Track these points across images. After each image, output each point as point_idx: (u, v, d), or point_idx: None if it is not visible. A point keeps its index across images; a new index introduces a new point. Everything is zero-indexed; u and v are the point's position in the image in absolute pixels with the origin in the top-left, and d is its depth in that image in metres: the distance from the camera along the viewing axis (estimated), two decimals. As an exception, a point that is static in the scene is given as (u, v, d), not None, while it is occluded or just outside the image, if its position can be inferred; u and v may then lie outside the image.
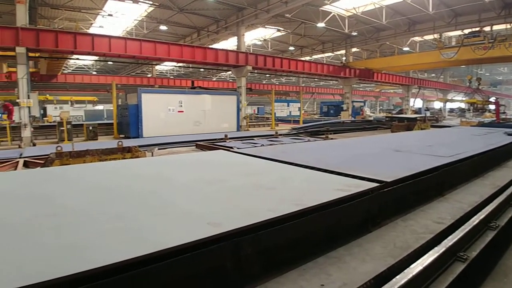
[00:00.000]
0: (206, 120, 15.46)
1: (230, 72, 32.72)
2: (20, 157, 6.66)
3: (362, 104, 33.73)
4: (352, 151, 4.29)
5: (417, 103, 39.45)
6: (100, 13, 20.75)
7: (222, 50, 19.08)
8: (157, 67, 33.95)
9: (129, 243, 1.30)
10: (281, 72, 22.81)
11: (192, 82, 23.30)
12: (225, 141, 9.26)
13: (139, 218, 1.59)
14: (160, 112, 14.11)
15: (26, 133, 12.22)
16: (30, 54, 13.39)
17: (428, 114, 25.90)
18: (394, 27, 22.55)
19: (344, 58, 27.32)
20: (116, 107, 14.91)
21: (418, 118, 16.33)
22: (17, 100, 12.29)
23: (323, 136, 10.91)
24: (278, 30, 24.41)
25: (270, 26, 23.36)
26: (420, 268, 1.57)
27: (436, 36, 22.02)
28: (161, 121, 13.99)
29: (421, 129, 12.87)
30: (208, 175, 2.63)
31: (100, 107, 35.01)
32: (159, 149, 7.80)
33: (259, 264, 1.47)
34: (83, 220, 1.57)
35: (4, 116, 13.87)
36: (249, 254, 1.43)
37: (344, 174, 2.55)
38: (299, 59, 25.59)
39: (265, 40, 27.29)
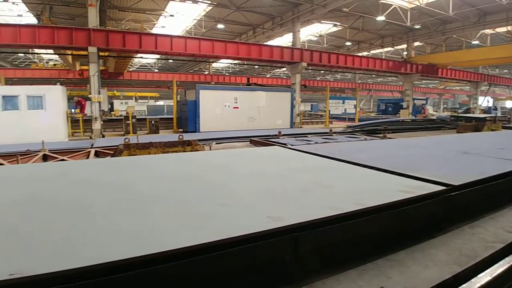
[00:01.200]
0: (260, 116, 15.64)
1: (284, 69, 32.65)
2: (91, 147, 7.31)
3: (424, 102, 31.69)
4: (413, 151, 4.09)
5: (487, 101, 36.08)
6: (162, 14, 21.88)
7: (277, 46, 19.12)
8: (214, 64, 34.94)
9: (195, 230, 1.38)
10: (336, 68, 22.27)
11: (248, 79, 23.64)
12: (279, 138, 9.30)
13: (205, 207, 1.68)
14: (216, 108, 14.55)
15: (96, 125, 13.34)
16: (100, 53, 14.51)
17: (498, 113, 23.61)
18: (462, 19, 20.82)
19: (405, 53, 25.86)
20: (176, 102, 15.66)
21: (487, 118, 14.98)
22: (89, 96, 13.47)
23: (381, 135, 10.48)
24: (335, 25, 23.81)
25: (326, 21, 22.88)
26: (488, 278, 1.47)
27: (510, 28, 19.95)
28: (217, 117, 14.44)
29: (491, 130, 11.81)
30: (267, 170, 2.69)
31: (160, 102, 36.99)
32: (216, 143, 8.09)
33: (317, 260, 1.49)
34: (156, 206, 1.71)
35: (77, 110, 15.30)
36: (308, 250, 1.45)
37: (405, 175, 2.45)
38: (356, 54, 24.77)
39: (320, 35, 26.76)
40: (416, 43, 26.75)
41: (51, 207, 1.71)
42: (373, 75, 37.61)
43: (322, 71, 38.16)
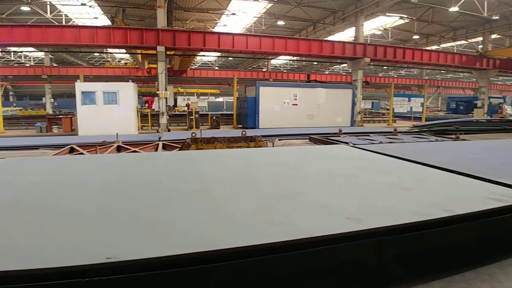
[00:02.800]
0: (319, 114, 15.37)
1: (344, 65, 31.67)
2: (159, 140, 7.76)
3: (501, 100, 28.70)
4: (497, 154, 3.71)
5: None
6: (224, 13, 22.43)
7: (339, 42, 18.59)
8: (272, 61, 35.03)
9: (270, 227, 1.37)
10: (402, 63, 21.05)
11: (308, 76, 23.36)
12: (340, 136, 9.05)
13: (277, 204, 1.68)
14: (276, 105, 14.59)
15: (163, 120, 14.13)
16: (167, 52, 15.29)
17: None
18: (549, 7, 18.44)
19: (480, 46, 23.60)
20: (236, 99, 16.00)
21: None
22: (157, 92, 14.30)
23: (453, 136, 9.70)
24: (401, 18, 22.50)
25: (392, 14, 21.71)
26: None
27: None
28: (276, 113, 14.48)
29: None
30: (335, 169, 2.62)
31: (220, 99, 38.10)
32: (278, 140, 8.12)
33: (401, 267, 1.40)
34: (233, 200, 1.74)
35: (145, 105, 16.44)
36: (392, 256, 1.37)
37: (493, 181, 2.22)
38: (424, 48, 23.17)
39: (385, 29, 25.46)
40: (494, 36, 24.28)
41: (133, 193, 1.83)
42: (443, 71, 34.96)
43: (385, 67, 36.38)
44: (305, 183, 2.13)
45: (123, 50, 22.84)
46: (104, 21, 23.70)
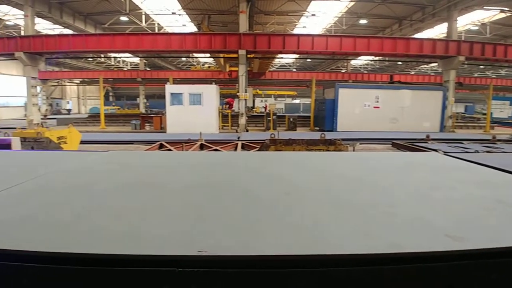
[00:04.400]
0: (403, 118, 14.38)
1: (432, 65, 29.19)
2: (238, 140, 8.04)
3: None
4: None
5: None
6: (303, 14, 22.33)
7: (428, 39, 17.17)
8: (352, 62, 33.82)
9: (357, 237, 1.31)
10: (502, 62, 18.61)
11: (391, 77, 22.06)
12: (427, 142, 8.34)
13: (363, 214, 1.59)
14: (355, 107, 14.06)
15: (242, 120, 14.61)
16: (248, 55, 15.77)
17: None
18: None
19: None
20: (314, 101, 15.83)
21: None
22: (237, 94, 14.85)
23: None
24: (502, 11, 19.87)
25: (490, 7, 19.31)
26: None
27: None
28: (356, 116, 13.95)
29: None
30: (427, 179, 2.41)
31: (297, 101, 38.05)
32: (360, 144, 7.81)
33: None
34: (311, 202, 1.71)
35: (225, 106, 17.22)
36: (496, 281, 1.21)
37: None
38: (533, 45, 20.12)
39: (482, 24, 22.77)
40: None
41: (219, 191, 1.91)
42: (557, 70, 30.07)
43: (481, 66, 32.57)
44: (394, 193, 2.00)
45: (208, 54, 24.19)
46: (192, 28, 25.42)
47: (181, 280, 1.11)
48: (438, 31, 23.18)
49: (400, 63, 30.47)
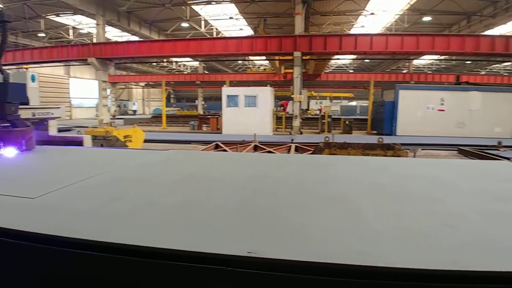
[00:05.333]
0: (472, 122, 13.23)
1: (506, 64, 26.55)
2: (292, 142, 8.00)
3: None
4: None
5: None
6: (362, 14, 21.59)
7: (501, 36, 15.68)
8: (414, 61, 31.95)
9: (416, 249, 1.23)
10: None
11: (457, 77, 20.45)
12: (499, 150, 7.60)
13: (424, 225, 1.49)
14: (417, 110, 13.26)
15: (296, 123, 14.52)
16: (303, 57, 15.64)
17: None
18: None
19: None
20: (371, 103, 15.23)
21: None
22: (291, 96, 14.79)
23: None
24: None
25: None
26: None
27: None
28: (417, 119, 13.15)
29: None
30: (499, 190, 2.19)
31: (353, 103, 36.91)
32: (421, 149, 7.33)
33: None
34: (367, 209, 1.65)
35: (280, 108, 17.28)
36: None
37: None
38: None
39: None
40: None
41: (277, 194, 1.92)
42: None
43: None
44: (459, 205, 1.84)
45: (263, 57, 24.43)
46: (248, 31, 25.91)
47: (229, 279, 1.13)
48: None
49: (468, 62, 28.11)
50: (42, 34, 26.03)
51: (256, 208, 1.70)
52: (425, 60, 33.06)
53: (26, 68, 21.56)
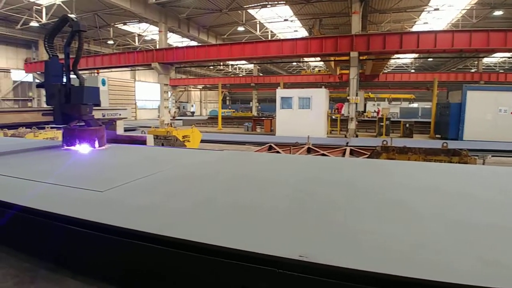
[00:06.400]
0: (554, 126, 11.83)
1: None
2: (347, 146, 7.78)
3: None
4: None
5: None
6: (425, 10, 20.36)
7: None
8: (484, 59, 29.35)
9: (481, 266, 1.13)
10: None
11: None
12: None
13: (493, 242, 1.35)
14: (487, 113, 12.18)
15: (352, 125, 14.11)
16: (360, 57, 15.14)
17: None
18: None
19: None
20: (435, 105, 14.29)
21: None
22: (347, 97, 14.40)
23: None
24: None
25: None
26: None
27: None
28: (487, 123, 12.06)
29: None
30: None
31: (414, 105, 34.88)
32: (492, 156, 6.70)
33: None
34: (429, 219, 1.55)
35: (334, 111, 16.94)
36: None
37: None
38: None
39: None
40: None
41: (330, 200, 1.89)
42: None
43: None
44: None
45: (318, 58, 24.12)
46: (303, 33, 25.74)
47: (279, 281, 1.14)
48: None
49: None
50: (111, 42, 28.33)
51: (308, 211, 1.69)
52: (496, 58, 30.18)
53: (97, 73, 23.68)
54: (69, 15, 3.96)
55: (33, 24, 20.61)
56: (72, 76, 3.91)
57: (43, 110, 3.92)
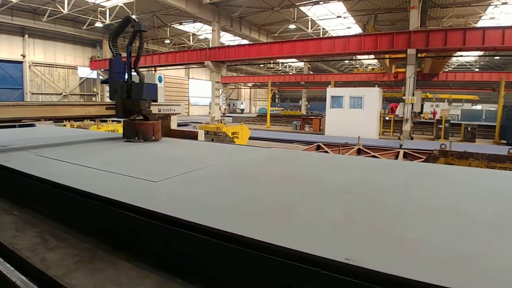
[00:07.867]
0: None
1: None
2: (400, 148, 7.44)
3: None
4: None
5: None
6: (491, 3, 18.75)
7: None
8: None
9: None
10: None
11: None
12: None
13: None
14: None
15: (406, 127, 13.45)
16: (418, 55, 14.36)
17: None
18: None
19: None
20: (502, 107, 13.15)
21: None
22: (402, 97, 13.73)
23: None
24: None
25: None
26: None
27: None
28: None
29: None
30: None
31: (478, 107, 32.34)
32: None
33: None
34: (486, 231, 1.45)
35: (388, 111, 16.25)
36: None
37: None
38: None
39: None
40: None
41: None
42: None
43: None
44: None
45: (372, 56, 23.27)
46: (356, 29, 24.95)
47: (324, 283, 1.13)
48: None
49: None
50: (168, 41, 29.68)
51: (356, 214, 1.65)
52: None
53: (155, 70, 24.98)
54: (130, 16, 4.24)
55: (98, 24, 22.31)
56: (133, 73, 4.18)
57: (107, 104, 4.24)
